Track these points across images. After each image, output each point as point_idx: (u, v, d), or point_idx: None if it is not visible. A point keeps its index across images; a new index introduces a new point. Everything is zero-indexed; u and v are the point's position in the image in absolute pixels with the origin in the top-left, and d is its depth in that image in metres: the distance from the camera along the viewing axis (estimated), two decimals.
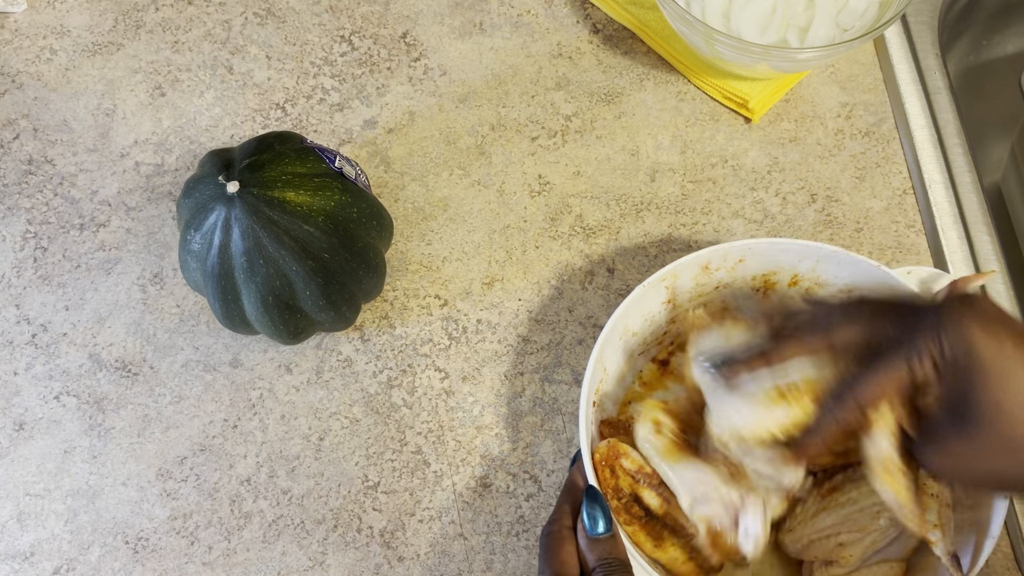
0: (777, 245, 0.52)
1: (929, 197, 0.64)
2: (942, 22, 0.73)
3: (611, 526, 0.42)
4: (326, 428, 0.57)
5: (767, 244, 0.52)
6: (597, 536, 0.42)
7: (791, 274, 0.54)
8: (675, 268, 0.51)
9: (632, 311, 0.51)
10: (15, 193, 0.64)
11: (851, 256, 0.51)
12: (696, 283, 0.54)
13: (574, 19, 0.72)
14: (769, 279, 0.55)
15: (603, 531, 0.42)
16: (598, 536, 0.42)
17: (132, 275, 0.62)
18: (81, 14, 0.72)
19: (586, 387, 0.48)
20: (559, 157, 0.66)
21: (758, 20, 0.64)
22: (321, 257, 0.51)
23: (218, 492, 0.55)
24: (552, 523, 0.44)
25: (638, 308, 0.52)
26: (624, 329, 0.52)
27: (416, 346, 0.59)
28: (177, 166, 0.66)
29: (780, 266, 0.54)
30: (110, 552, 0.54)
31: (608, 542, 0.42)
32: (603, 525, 0.42)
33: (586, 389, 0.48)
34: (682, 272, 0.52)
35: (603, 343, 0.49)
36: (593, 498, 0.43)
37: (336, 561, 0.53)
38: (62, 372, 0.59)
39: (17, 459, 0.56)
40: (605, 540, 0.42)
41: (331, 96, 0.68)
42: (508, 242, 0.63)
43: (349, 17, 0.72)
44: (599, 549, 0.42)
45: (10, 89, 0.68)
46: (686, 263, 0.51)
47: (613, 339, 0.51)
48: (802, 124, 0.67)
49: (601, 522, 0.42)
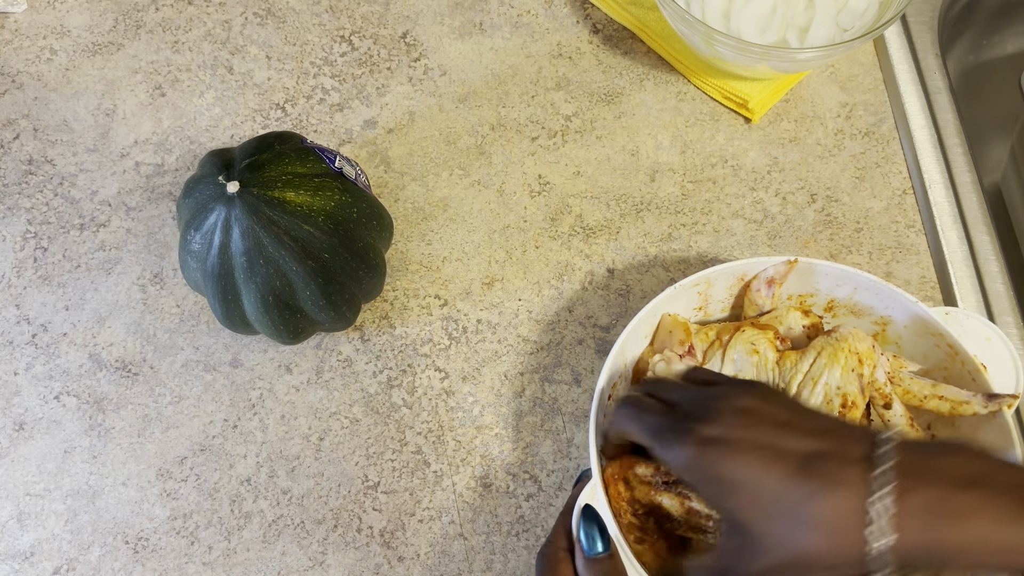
0: (816, 267, 0.51)
1: (929, 197, 0.64)
2: (942, 22, 0.73)
3: (609, 546, 0.42)
4: (326, 428, 0.57)
5: (806, 264, 0.51)
6: (596, 556, 0.41)
7: (828, 299, 0.53)
8: (709, 275, 0.51)
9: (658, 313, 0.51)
10: (15, 193, 0.64)
11: (889, 288, 0.50)
12: (730, 293, 0.53)
13: (574, 19, 0.72)
14: (805, 300, 0.54)
15: (602, 551, 0.41)
16: (597, 556, 0.41)
17: (132, 275, 0.62)
18: (81, 14, 0.72)
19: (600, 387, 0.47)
20: (559, 157, 0.66)
21: (758, 20, 0.64)
22: (321, 257, 0.51)
23: (218, 492, 0.55)
24: (549, 544, 0.43)
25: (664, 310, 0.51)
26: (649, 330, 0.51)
27: (416, 346, 0.59)
28: (177, 166, 0.66)
29: (817, 289, 0.53)
30: (110, 552, 0.54)
31: (607, 562, 0.41)
32: (601, 545, 0.41)
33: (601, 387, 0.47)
34: (716, 280, 0.52)
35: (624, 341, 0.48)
36: (590, 517, 0.42)
37: (336, 561, 0.53)
38: (62, 372, 0.59)
39: (17, 459, 0.56)
40: (603, 560, 0.41)
41: (331, 96, 0.68)
42: (508, 242, 0.63)
43: (349, 17, 0.72)
44: (597, 569, 0.41)
45: (10, 89, 0.68)
46: (721, 271, 0.51)
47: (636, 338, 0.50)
48: (802, 124, 0.67)
49: (599, 542, 0.42)
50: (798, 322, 0.52)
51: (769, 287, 0.52)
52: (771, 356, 0.49)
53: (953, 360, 0.49)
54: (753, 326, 0.50)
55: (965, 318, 0.50)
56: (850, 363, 0.47)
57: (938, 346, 0.50)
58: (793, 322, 0.52)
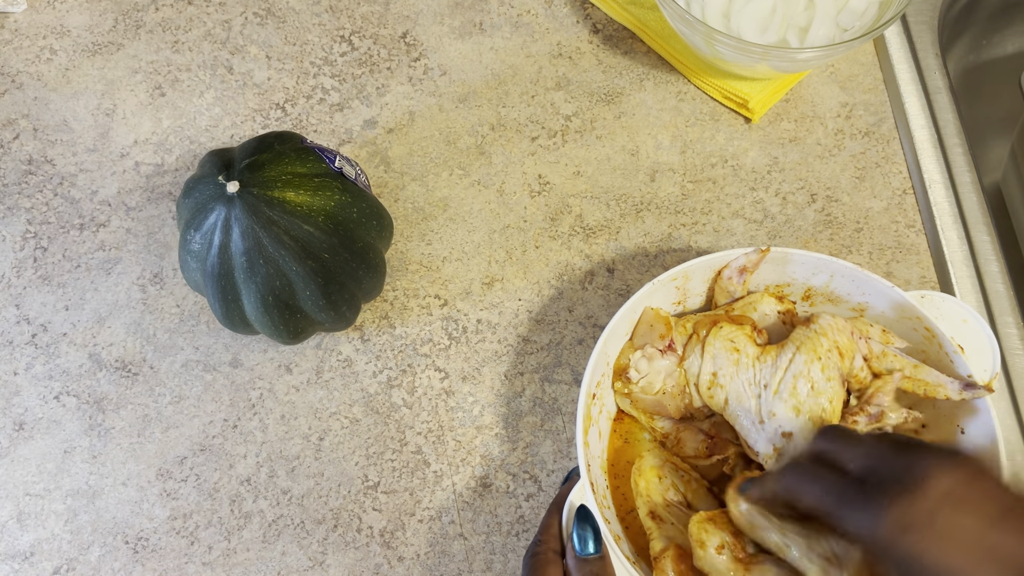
0: (792, 256, 0.51)
1: (929, 197, 0.64)
2: (942, 22, 0.73)
3: (601, 547, 0.41)
4: (326, 428, 0.57)
5: (780, 253, 0.51)
6: (587, 557, 0.41)
7: (804, 287, 0.54)
8: (686, 269, 0.51)
9: (638, 309, 0.51)
10: (15, 193, 0.64)
11: (866, 274, 0.50)
12: (707, 287, 0.54)
13: (574, 19, 0.72)
14: (782, 291, 0.54)
15: (593, 552, 0.41)
16: (588, 556, 0.41)
17: (132, 275, 0.62)
18: (81, 14, 0.72)
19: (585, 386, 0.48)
20: (559, 157, 0.66)
21: (758, 20, 0.64)
22: (321, 257, 0.51)
23: (218, 492, 0.55)
24: (537, 544, 0.42)
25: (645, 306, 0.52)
26: (629, 327, 0.52)
27: (416, 346, 0.59)
28: (177, 166, 0.66)
29: (794, 279, 0.53)
30: (110, 552, 0.54)
31: (597, 563, 0.41)
32: (593, 546, 0.41)
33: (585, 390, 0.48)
34: (694, 274, 0.52)
35: (606, 338, 0.49)
36: (584, 518, 0.42)
37: (336, 561, 0.53)
38: (62, 372, 0.59)
39: (17, 459, 0.56)
40: (594, 561, 0.41)
41: (331, 96, 0.68)
42: (508, 242, 0.63)
43: (349, 17, 0.72)
44: (588, 570, 0.41)
45: (10, 89, 0.68)
46: (698, 265, 0.51)
47: (618, 335, 0.51)
48: (802, 124, 0.67)
49: (591, 543, 0.41)
50: (772, 308, 0.52)
51: (740, 275, 0.52)
52: (751, 351, 0.49)
53: (931, 343, 0.50)
54: (730, 320, 0.50)
55: (941, 300, 0.51)
56: (832, 359, 0.47)
57: (915, 330, 0.50)
58: (768, 308, 0.52)
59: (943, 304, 0.51)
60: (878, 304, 0.51)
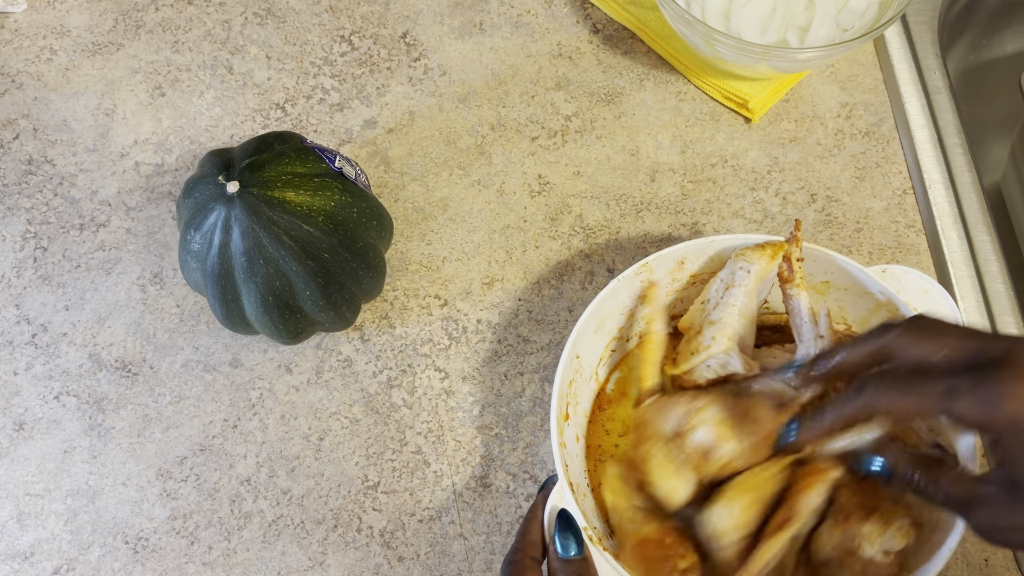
0: (750, 240, 0.52)
1: (929, 197, 0.64)
2: (942, 22, 0.73)
3: (583, 549, 0.42)
4: (326, 428, 0.57)
5: (740, 239, 0.52)
6: (569, 558, 0.41)
7: None
8: (650, 262, 0.51)
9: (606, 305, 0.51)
10: (15, 193, 0.64)
11: (821, 251, 0.51)
12: (672, 278, 0.54)
13: (574, 19, 0.72)
14: None
15: (576, 554, 0.41)
16: (570, 558, 0.41)
17: (132, 275, 0.62)
18: (81, 14, 0.72)
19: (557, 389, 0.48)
20: (559, 157, 0.66)
21: (758, 20, 0.64)
22: (321, 257, 0.51)
23: (218, 492, 0.55)
24: (515, 551, 0.42)
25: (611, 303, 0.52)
26: (599, 324, 0.52)
27: (416, 346, 0.59)
28: (177, 166, 0.66)
29: None
30: (110, 552, 0.54)
31: (580, 564, 0.41)
32: (575, 549, 0.42)
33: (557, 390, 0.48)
34: (657, 267, 0.52)
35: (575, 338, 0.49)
36: (566, 523, 0.42)
37: (336, 561, 0.53)
38: (62, 372, 0.59)
39: (17, 459, 0.56)
40: (577, 562, 0.41)
41: (331, 96, 0.68)
42: (508, 242, 0.63)
43: (349, 17, 0.72)
44: (570, 571, 0.41)
45: (10, 89, 0.68)
46: (662, 257, 0.52)
47: (587, 333, 0.51)
48: (802, 124, 0.67)
49: (573, 547, 0.42)
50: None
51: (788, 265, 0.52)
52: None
53: (894, 316, 0.50)
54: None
55: (903, 273, 0.52)
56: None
57: (878, 303, 0.51)
58: None
59: (904, 277, 0.52)
60: (839, 281, 0.52)
